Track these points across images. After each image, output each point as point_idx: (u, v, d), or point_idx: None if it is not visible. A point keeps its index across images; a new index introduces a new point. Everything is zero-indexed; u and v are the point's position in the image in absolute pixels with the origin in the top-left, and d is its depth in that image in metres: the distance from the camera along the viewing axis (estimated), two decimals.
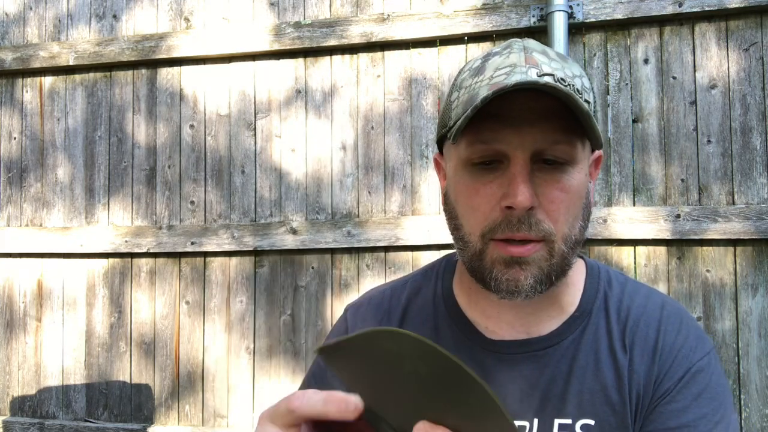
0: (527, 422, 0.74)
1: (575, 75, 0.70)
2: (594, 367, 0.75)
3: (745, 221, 2.14)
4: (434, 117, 2.47)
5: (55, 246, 2.73)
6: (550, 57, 0.71)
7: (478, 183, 0.71)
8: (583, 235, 0.73)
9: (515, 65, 0.69)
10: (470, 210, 0.72)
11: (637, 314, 0.78)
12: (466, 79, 0.73)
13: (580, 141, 0.70)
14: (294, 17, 2.59)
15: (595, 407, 0.73)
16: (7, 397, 2.81)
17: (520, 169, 0.67)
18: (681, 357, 0.75)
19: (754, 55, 2.21)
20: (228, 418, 2.57)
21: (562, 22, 2.25)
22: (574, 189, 0.70)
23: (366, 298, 0.90)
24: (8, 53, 2.82)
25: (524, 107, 0.67)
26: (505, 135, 0.67)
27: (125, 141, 2.74)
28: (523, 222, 0.68)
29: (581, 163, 0.71)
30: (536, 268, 0.69)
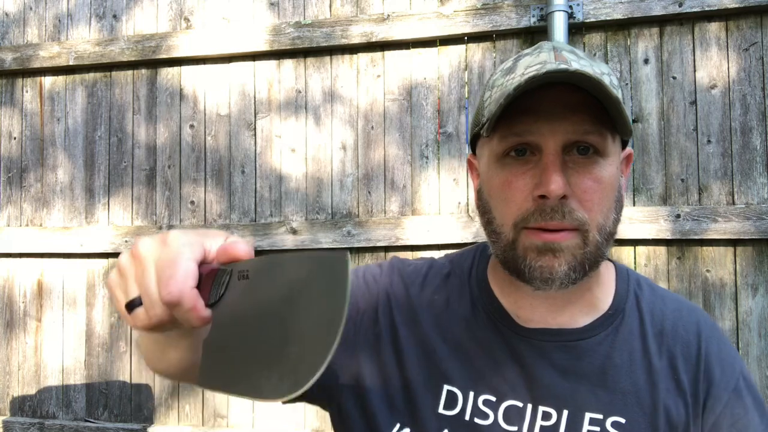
0: (556, 411, 0.74)
1: (603, 72, 0.72)
2: (628, 367, 0.75)
3: (745, 221, 2.14)
4: (434, 117, 2.47)
5: (55, 246, 2.73)
6: (578, 56, 0.73)
7: (511, 175, 0.71)
8: (616, 228, 0.74)
9: (545, 62, 0.70)
10: (503, 202, 0.72)
11: (674, 319, 0.79)
12: (498, 78, 0.74)
13: (611, 134, 0.71)
14: (294, 17, 2.59)
15: (627, 407, 0.74)
16: (7, 397, 2.81)
17: (553, 159, 0.68)
18: (728, 367, 0.77)
19: (754, 55, 2.21)
20: (228, 418, 2.57)
21: (562, 22, 2.25)
22: (606, 180, 0.71)
23: (411, 260, 0.90)
24: (8, 53, 2.82)
25: (555, 100, 0.68)
26: (538, 127, 0.69)
27: (125, 141, 2.74)
28: (557, 211, 0.68)
29: (612, 156, 0.72)
30: (570, 256, 0.70)
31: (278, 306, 0.48)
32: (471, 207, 2.41)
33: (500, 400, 0.75)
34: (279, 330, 0.48)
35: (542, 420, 0.73)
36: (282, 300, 0.48)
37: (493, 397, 0.75)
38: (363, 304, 0.83)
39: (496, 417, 0.74)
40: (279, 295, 0.48)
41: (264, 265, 0.50)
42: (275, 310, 0.48)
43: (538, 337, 0.77)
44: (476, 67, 2.45)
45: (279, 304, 0.48)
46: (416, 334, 0.80)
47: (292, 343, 0.46)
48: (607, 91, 0.65)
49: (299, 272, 0.48)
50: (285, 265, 0.49)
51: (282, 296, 0.48)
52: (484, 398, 0.75)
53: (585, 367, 0.75)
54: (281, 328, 0.48)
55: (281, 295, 0.48)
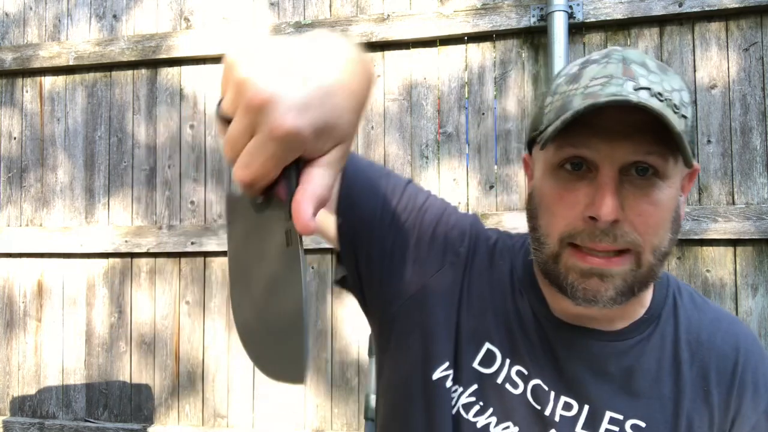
0: (577, 403, 0.74)
1: (674, 89, 0.68)
2: (655, 373, 0.75)
3: (745, 221, 2.14)
4: (434, 117, 2.47)
5: (55, 246, 2.73)
6: (649, 69, 0.68)
7: (563, 189, 0.69)
8: (672, 247, 0.71)
9: (612, 76, 0.67)
10: (552, 215, 0.70)
11: (711, 330, 0.78)
12: (562, 84, 0.71)
13: (673, 156, 0.67)
14: (294, 17, 2.59)
15: (649, 411, 0.73)
16: (7, 397, 2.81)
17: (609, 181, 0.66)
18: (762, 386, 0.76)
19: (754, 55, 2.21)
20: (228, 418, 2.57)
21: (562, 22, 2.25)
22: (663, 203, 0.68)
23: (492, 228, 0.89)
24: (8, 53, 2.82)
25: (617, 120, 0.65)
26: (596, 143, 0.66)
27: (125, 141, 2.74)
28: (607, 234, 0.66)
29: (672, 178, 0.68)
30: (620, 280, 0.68)
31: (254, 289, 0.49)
32: (471, 207, 2.41)
33: (530, 377, 0.75)
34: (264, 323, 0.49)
35: (563, 410, 0.74)
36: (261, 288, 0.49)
37: (526, 371, 0.76)
38: (455, 233, 0.82)
39: (526, 390, 0.75)
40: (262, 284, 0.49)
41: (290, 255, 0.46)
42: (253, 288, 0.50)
43: (571, 333, 0.77)
44: (476, 67, 2.45)
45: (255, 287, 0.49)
46: (479, 286, 0.80)
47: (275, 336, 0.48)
48: (670, 125, 0.61)
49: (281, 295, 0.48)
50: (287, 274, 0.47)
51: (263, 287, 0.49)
52: (518, 369, 0.76)
53: (612, 368, 0.75)
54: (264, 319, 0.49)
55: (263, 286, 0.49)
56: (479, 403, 0.75)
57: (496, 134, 2.42)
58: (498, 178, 2.40)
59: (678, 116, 0.66)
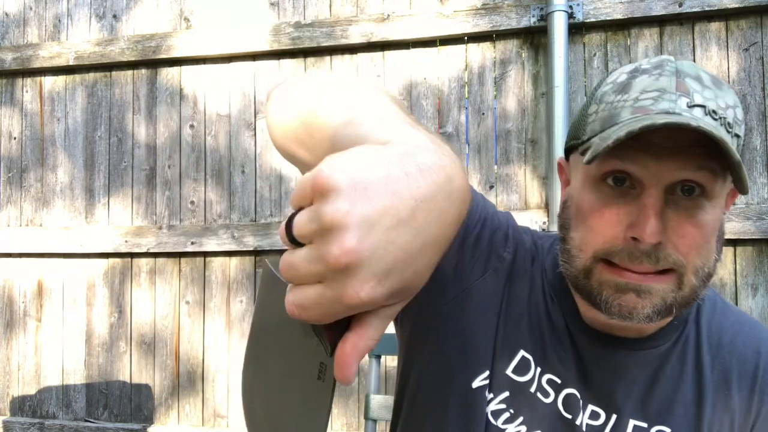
0: (604, 413, 0.74)
1: (728, 106, 0.65)
2: (678, 378, 0.75)
3: (745, 221, 2.14)
4: (434, 117, 2.47)
5: (55, 246, 2.73)
6: (703, 84, 0.65)
7: (603, 205, 0.66)
8: (715, 268, 0.68)
9: (664, 90, 0.64)
10: (588, 229, 0.67)
11: (732, 333, 0.77)
12: (608, 93, 0.68)
13: (722, 174, 0.64)
14: (294, 17, 2.59)
15: (672, 416, 0.73)
16: (7, 397, 2.81)
17: (654, 201, 0.62)
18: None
19: (754, 55, 2.21)
20: (228, 418, 2.57)
21: (562, 22, 2.25)
22: (708, 225, 0.65)
23: (535, 231, 0.87)
24: (8, 53, 2.82)
25: (669, 136, 0.61)
26: (644, 159, 0.63)
27: (125, 141, 2.74)
28: (649, 256, 0.63)
29: (718, 198, 0.66)
30: (659, 299, 0.65)
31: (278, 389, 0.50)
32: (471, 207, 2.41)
33: (563, 386, 0.75)
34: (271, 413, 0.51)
35: (590, 419, 0.74)
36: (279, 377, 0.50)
37: (559, 380, 0.75)
38: (500, 236, 0.80)
39: (557, 399, 0.75)
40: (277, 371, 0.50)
41: (322, 386, 0.45)
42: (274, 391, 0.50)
43: (600, 340, 0.75)
44: (476, 67, 2.45)
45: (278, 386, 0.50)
46: (518, 293, 0.79)
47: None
48: (729, 152, 0.58)
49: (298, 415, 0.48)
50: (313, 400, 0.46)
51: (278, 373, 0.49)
52: (549, 377, 0.75)
53: (638, 374, 0.75)
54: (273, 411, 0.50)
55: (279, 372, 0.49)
56: (509, 411, 0.75)
57: (496, 134, 2.42)
58: (498, 178, 2.40)
59: (731, 135, 0.63)
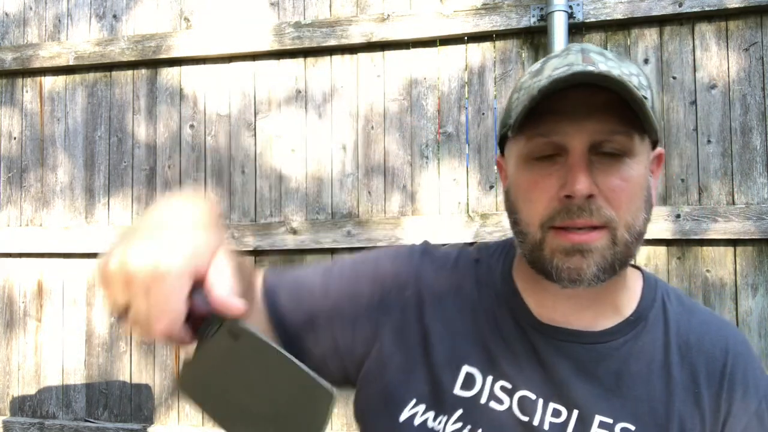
0: (566, 409, 0.74)
1: (632, 73, 0.72)
2: (645, 376, 0.75)
3: (745, 221, 2.14)
4: (434, 117, 2.47)
5: (55, 246, 2.73)
6: (607, 57, 0.73)
7: (537, 176, 0.71)
8: (646, 228, 0.73)
9: (572, 63, 0.70)
10: (529, 202, 0.72)
11: (700, 333, 0.78)
12: (526, 80, 0.74)
13: (638, 134, 0.70)
14: (294, 17, 2.59)
15: (638, 414, 0.73)
16: (7, 397, 2.81)
17: (578, 159, 0.68)
18: (752, 387, 0.76)
19: (754, 55, 2.21)
20: None
21: (562, 22, 2.25)
22: (634, 179, 0.70)
23: (441, 246, 0.90)
24: (8, 53, 2.82)
25: (581, 101, 0.68)
26: (563, 127, 0.69)
27: (125, 141, 2.74)
28: (584, 209, 0.68)
29: (640, 155, 0.71)
30: (599, 256, 0.69)
31: (258, 411, 0.51)
32: (471, 207, 2.41)
33: (515, 389, 0.75)
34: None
35: (552, 416, 0.74)
36: (262, 403, 0.50)
37: (510, 385, 0.76)
38: (391, 281, 0.83)
39: (511, 404, 0.75)
40: (260, 399, 0.50)
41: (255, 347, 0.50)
42: (255, 412, 0.51)
43: (557, 335, 0.77)
44: (476, 67, 2.45)
45: (259, 410, 0.50)
46: (442, 314, 0.80)
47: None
48: (632, 91, 0.65)
49: (285, 386, 0.50)
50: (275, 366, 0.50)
51: (263, 401, 0.50)
52: (502, 384, 0.76)
53: (600, 370, 0.75)
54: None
55: (262, 400, 0.50)
56: (467, 427, 0.75)
57: (496, 134, 2.42)
58: (498, 178, 2.41)
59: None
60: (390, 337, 0.81)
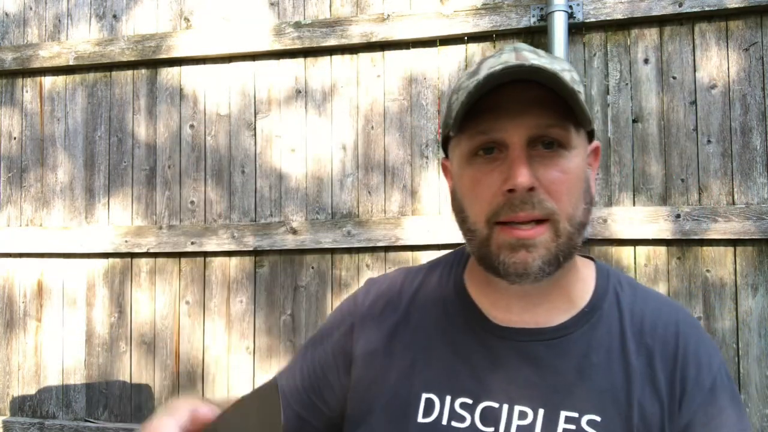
0: (532, 410, 0.74)
1: (564, 69, 0.74)
2: (605, 366, 0.76)
3: (745, 221, 2.14)
4: (434, 117, 2.47)
5: (55, 246, 2.73)
6: (539, 55, 0.75)
7: (480, 173, 0.73)
8: (587, 218, 0.75)
9: (506, 62, 0.72)
10: (474, 199, 0.74)
11: (653, 318, 0.80)
12: (463, 81, 0.77)
13: (574, 127, 0.73)
14: (294, 17, 2.59)
15: (603, 405, 0.74)
16: (7, 397, 2.81)
17: (518, 153, 0.70)
18: (704, 366, 0.77)
19: (754, 55, 2.21)
20: None
21: (562, 22, 2.25)
22: (572, 171, 0.73)
23: (384, 277, 0.92)
24: (8, 53, 2.82)
25: (517, 98, 0.70)
26: (502, 123, 0.71)
27: (125, 141, 2.74)
28: (526, 202, 0.70)
29: (578, 148, 0.74)
30: (543, 250, 0.71)
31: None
32: None
33: (477, 402, 0.76)
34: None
35: (519, 419, 0.74)
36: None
37: (470, 400, 0.76)
38: (342, 339, 0.87)
39: (473, 419, 0.75)
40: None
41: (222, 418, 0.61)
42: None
43: (514, 336, 0.78)
44: None
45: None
46: (395, 349, 0.82)
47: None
48: (563, 83, 0.67)
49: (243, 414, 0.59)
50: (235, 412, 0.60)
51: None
52: (461, 401, 0.76)
53: (561, 365, 0.76)
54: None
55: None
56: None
57: None
58: None
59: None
60: (356, 387, 0.83)
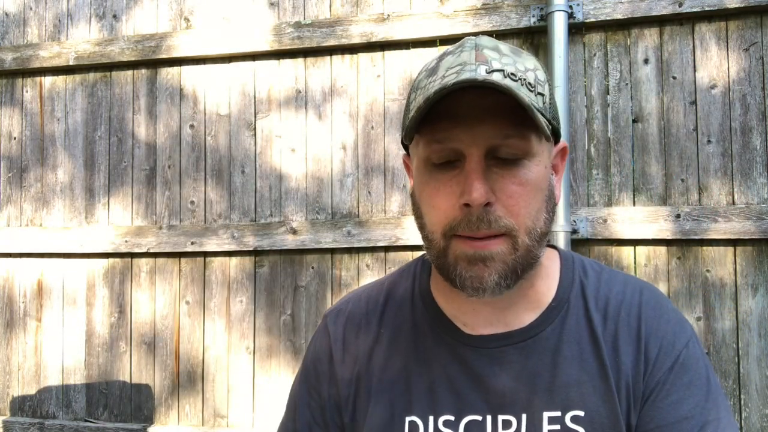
0: (515, 417, 0.73)
1: (528, 69, 0.70)
2: (579, 357, 0.75)
3: (745, 221, 2.14)
4: None
5: (55, 246, 2.73)
6: (501, 53, 0.70)
7: (438, 182, 0.71)
8: (549, 227, 0.73)
9: (465, 63, 0.68)
10: (432, 209, 0.72)
11: (616, 302, 0.78)
12: (422, 80, 0.73)
13: (535, 134, 0.69)
14: (294, 17, 2.59)
15: (583, 398, 0.73)
16: (7, 397, 2.81)
17: (475, 166, 0.67)
18: (666, 345, 0.75)
19: (754, 55, 2.21)
20: (228, 418, 2.58)
21: (562, 22, 2.25)
22: (532, 182, 0.69)
23: (344, 303, 0.89)
24: (8, 53, 2.82)
25: (474, 105, 0.67)
26: (458, 133, 0.68)
27: (125, 141, 2.74)
28: (482, 219, 0.67)
29: (539, 156, 0.70)
30: (500, 264, 0.69)
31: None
32: None
33: (459, 418, 0.75)
34: None
35: (503, 429, 0.73)
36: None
37: (452, 417, 0.75)
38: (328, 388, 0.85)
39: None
40: None
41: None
42: None
43: (485, 344, 0.76)
44: None
45: None
46: (373, 373, 0.81)
47: None
48: (518, 97, 0.64)
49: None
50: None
51: None
52: (444, 419, 0.75)
53: (536, 365, 0.75)
54: None
55: None
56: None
57: None
58: None
59: (534, 93, 0.68)
60: (350, 419, 0.82)
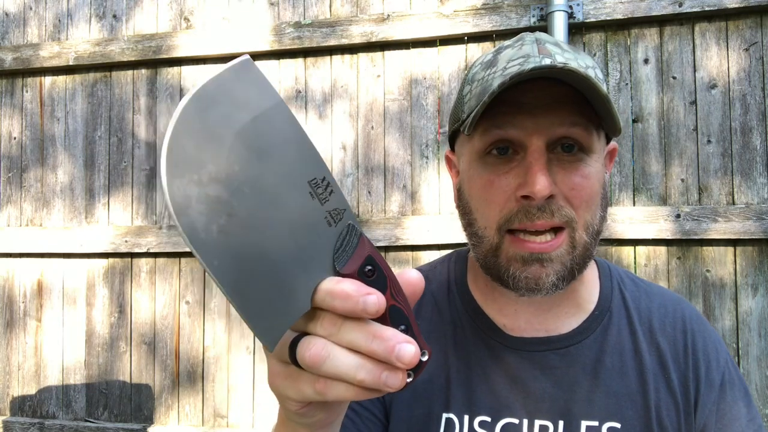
0: (552, 423, 0.72)
1: (588, 66, 0.69)
2: (620, 369, 0.74)
3: (745, 221, 2.14)
4: (434, 117, 2.47)
5: (55, 246, 2.73)
6: (562, 48, 0.69)
7: (492, 174, 0.68)
8: (603, 226, 0.71)
9: (528, 55, 0.66)
10: (485, 203, 0.69)
11: (660, 316, 0.77)
12: (478, 72, 0.70)
13: (596, 130, 0.67)
14: (294, 17, 2.59)
15: (621, 410, 0.72)
16: (7, 397, 2.81)
17: (537, 157, 0.65)
18: (713, 362, 0.75)
19: (754, 55, 2.21)
20: (228, 418, 2.57)
21: (562, 22, 2.25)
22: (593, 177, 0.68)
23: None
24: (8, 53, 2.82)
25: (539, 94, 0.64)
26: (521, 121, 0.65)
27: (125, 141, 2.74)
28: (543, 210, 0.65)
29: (598, 153, 0.69)
30: (559, 264, 0.67)
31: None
32: None
33: (496, 419, 0.73)
34: None
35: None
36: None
37: (489, 418, 0.74)
38: None
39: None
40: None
41: None
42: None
43: (527, 347, 0.75)
44: None
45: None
46: None
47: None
48: (596, 87, 0.61)
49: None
50: None
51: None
52: (480, 420, 0.74)
53: (577, 373, 0.73)
54: None
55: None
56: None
57: None
58: None
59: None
60: (393, 408, 0.79)
